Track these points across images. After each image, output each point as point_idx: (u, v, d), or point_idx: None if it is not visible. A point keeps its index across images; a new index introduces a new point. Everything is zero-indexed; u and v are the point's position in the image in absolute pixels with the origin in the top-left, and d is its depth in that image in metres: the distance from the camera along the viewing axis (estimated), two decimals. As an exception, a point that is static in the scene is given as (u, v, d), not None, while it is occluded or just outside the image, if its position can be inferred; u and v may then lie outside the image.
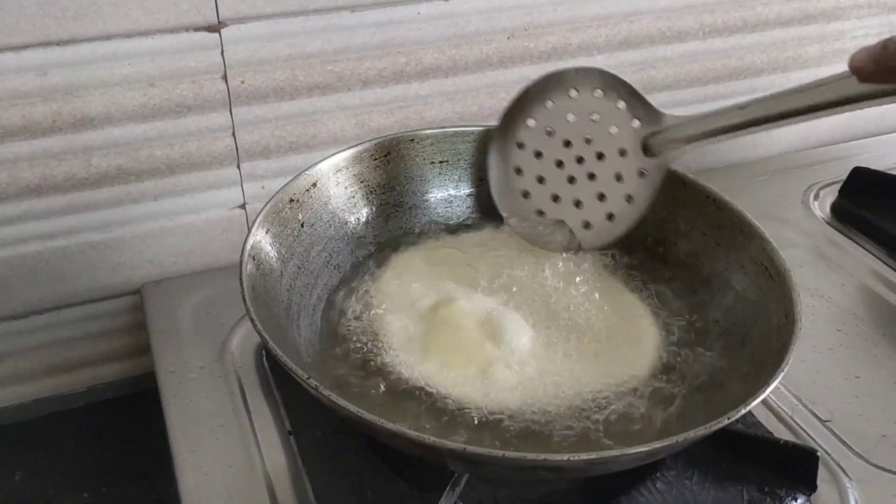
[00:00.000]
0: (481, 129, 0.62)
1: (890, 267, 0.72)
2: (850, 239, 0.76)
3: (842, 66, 1.08)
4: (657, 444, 0.39)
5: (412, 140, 0.61)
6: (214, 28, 0.61)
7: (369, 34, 0.66)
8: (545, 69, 0.75)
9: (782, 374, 0.43)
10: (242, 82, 0.64)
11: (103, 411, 0.73)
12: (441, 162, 0.62)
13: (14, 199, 0.62)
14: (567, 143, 0.56)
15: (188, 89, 0.63)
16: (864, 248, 0.75)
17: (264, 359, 0.61)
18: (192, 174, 0.66)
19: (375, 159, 0.60)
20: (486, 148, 0.59)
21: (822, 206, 0.80)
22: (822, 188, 0.82)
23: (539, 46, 0.73)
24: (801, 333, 0.46)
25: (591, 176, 0.56)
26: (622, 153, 0.55)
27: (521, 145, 0.58)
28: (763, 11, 0.82)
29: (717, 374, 0.51)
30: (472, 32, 0.70)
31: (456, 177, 0.63)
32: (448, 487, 0.46)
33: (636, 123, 0.55)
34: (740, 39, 0.83)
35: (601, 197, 0.56)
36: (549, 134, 0.57)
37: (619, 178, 0.55)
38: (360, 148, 0.59)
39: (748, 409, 0.41)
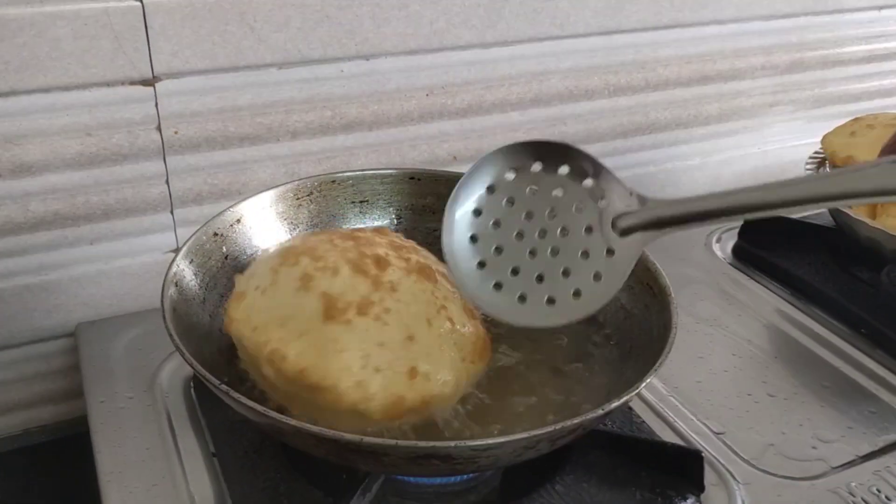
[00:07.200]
0: (398, 171, 0.67)
1: (783, 299, 0.78)
2: (749, 276, 0.82)
3: (740, 123, 1.16)
4: (536, 432, 0.43)
5: (333, 181, 0.66)
6: (149, 82, 0.66)
7: (296, 89, 0.72)
8: (463, 125, 0.81)
9: (654, 372, 0.48)
10: (176, 133, 0.69)
11: (38, 455, 0.74)
12: (361, 202, 0.67)
13: (-48, 244, 0.65)
14: (529, 215, 0.51)
15: (124, 139, 0.67)
16: (760, 283, 0.81)
17: (192, 389, 0.63)
18: (128, 220, 0.70)
19: (298, 198, 0.64)
20: (444, 212, 0.53)
21: (723, 248, 0.87)
22: (723, 232, 0.88)
23: (456, 103, 0.80)
24: (675, 340, 0.51)
25: (555, 251, 0.51)
26: (588, 230, 0.51)
27: (477, 212, 0.52)
28: (664, 72, 0.90)
29: (611, 384, 0.55)
30: (393, 89, 0.76)
31: (376, 216, 0.67)
32: (359, 491, 0.49)
33: (602, 203, 0.51)
34: (644, 97, 0.90)
35: (566, 272, 0.51)
36: (510, 203, 0.52)
37: (585, 254, 0.51)
38: (284, 188, 0.64)
39: (621, 402, 0.45)
